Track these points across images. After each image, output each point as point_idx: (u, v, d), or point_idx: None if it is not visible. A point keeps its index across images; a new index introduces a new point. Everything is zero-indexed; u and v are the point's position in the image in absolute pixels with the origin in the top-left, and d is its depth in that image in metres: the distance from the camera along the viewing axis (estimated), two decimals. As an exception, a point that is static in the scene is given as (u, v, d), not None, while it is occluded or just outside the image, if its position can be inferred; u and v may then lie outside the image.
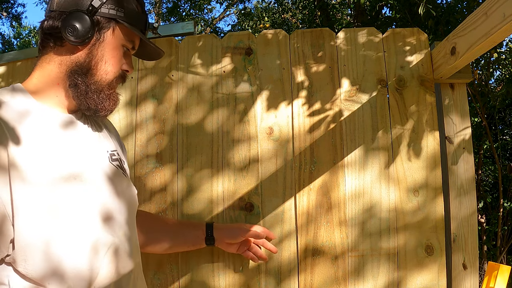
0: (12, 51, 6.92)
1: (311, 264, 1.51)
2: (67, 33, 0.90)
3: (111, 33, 0.96)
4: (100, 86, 0.95)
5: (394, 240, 1.51)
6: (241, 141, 1.58)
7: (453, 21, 2.82)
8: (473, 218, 1.54)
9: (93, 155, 0.98)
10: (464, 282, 1.50)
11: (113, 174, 1.01)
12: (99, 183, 0.96)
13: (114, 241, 0.94)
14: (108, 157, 1.02)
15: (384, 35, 1.63)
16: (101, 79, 0.96)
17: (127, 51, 1.01)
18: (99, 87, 0.95)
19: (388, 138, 1.56)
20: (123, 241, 0.98)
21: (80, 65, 0.94)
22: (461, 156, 1.56)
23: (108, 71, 0.96)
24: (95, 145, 1.01)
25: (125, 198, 1.03)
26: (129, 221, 1.03)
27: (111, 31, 0.96)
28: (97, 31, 0.94)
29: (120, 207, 0.99)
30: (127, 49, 1.00)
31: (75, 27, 0.90)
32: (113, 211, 0.97)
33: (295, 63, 1.62)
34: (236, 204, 1.55)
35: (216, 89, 1.62)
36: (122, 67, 0.99)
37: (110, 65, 0.96)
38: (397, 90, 1.59)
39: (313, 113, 1.59)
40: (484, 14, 1.19)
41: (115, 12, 0.94)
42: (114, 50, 0.96)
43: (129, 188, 1.07)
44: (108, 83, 0.97)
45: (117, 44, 0.97)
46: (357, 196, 1.53)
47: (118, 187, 1.01)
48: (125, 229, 1.00)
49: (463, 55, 1.34)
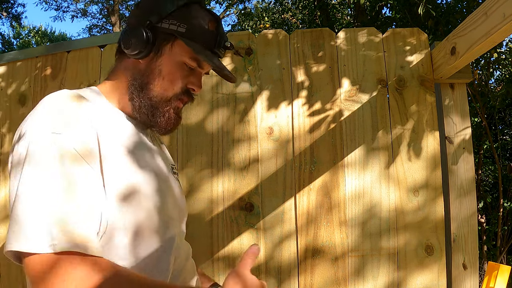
0: (12, 51, 6.92)
1: (311, 264, 1.51)
2: (125, 46, 0.91)
3: (169, 48, 0.93)
4: (155, 102, 0.93)
5: (394, 240, 1.51)
6: (241, 141, 1.58)
7: (453, 21, 2.82)
8: (473, 218, 1.54)
9: (161, 163, 0.98)
10: (464, 282, 1.50)
11: (175, 184, 1.02)
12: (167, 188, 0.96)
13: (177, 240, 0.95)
14: (170, 168, 1.04)
15: (384, 35, 1.63)
16: (158, 94, 0.93)
17: (193, 70, 0.96)
18: (154, 103, 0.93)
19: (388, 138, 1.56)
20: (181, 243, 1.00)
21: (139, 78, 0.93)
22: (461, 156, 1.56)
23: (166, 87, 0.93)
24: (161, 155, 1.01)
25: (183, 208, 1.05)
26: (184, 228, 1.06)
27: (169, 46, 0.93)
28: (156, 45, 0.92)
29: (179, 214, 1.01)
30: (191, 68, 0.95)
31: (129, 40, 0.90)
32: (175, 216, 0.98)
33: (295, 63, 1.62)
34: (236, 204, 1.55)
35: (216, 89, 1.62)
36: (188, 85, 0.96)
37: (167, 81, 0.93)
38: (397, 90, 1.59)
39: (313, 113, 1.59)
40: (484, 14, 1.19)
41: (175, 28, 0.91)
42: (174, 66, 0.93)
43: (183, 199, 1.09)
44: (165, 100, 0.93)
45: (177, 60, 0.93)
46: (357, 196, 1.53)
47: (179, 195, 1.03)
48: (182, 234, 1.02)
49: (463, 55, 1.34)
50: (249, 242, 1.52)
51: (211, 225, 1.54)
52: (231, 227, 1.54)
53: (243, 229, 1.54)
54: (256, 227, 1.53)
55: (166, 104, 0.94)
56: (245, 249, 1.52)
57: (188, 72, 0.95)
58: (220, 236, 1.54)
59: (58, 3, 13.66)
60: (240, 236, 1.53)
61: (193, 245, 1.09)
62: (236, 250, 1.52)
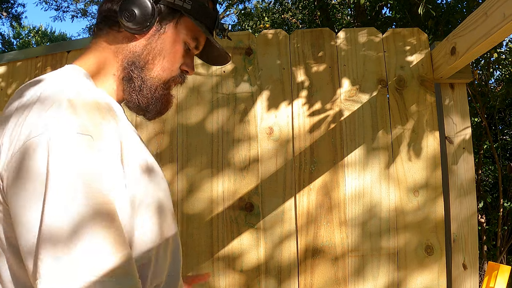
0: (12, 51, 6.91)
1: (311, 264, 1.51)
2: (124, 18, 0.80)
3: (173, 26, 0.85)
4: (155, 83, 0.85)
5: (394, 240, 1.51)
6: (241, 141, 1.58)
7: (453, 21, 2.82)
8: (473, 218, 1.54)
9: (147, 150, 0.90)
10: (464, 282, 1.50)
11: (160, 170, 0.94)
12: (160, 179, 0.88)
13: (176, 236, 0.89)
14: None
15: (384, 35, 1.63)
16: (157, 75, 0.85)
17: (189, 50, 0.90)
18: (154, 84, 0.85)
19: (388, 138, 1.56)
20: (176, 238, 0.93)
21: (138, 56, 0.83)
22: (461, 156, 1.56)
23: (166, 67, 0.85)
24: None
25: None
26: None
27: (174, 23, 0.85)
28: (158, 21, 0.83)
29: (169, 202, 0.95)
30: (188, 48, 0.89)
31: (133, 12, 0.80)
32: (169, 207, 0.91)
33: (295, 63, 1.62)
34: (236, 204, 1.55)
35: (217, 89, 1.62)
36: (182, 67, 0.89)
37: (168, 62, 0.85)
38: (397, 90, 1.59)
39: (313, 113, 1.59)
40: (484, 14, 1.19)
41: (181, 3, 0.84)
42: (175, 46, 0.86)
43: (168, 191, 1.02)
44: (163, 81, 0.86)
45: (179, 39, 0.86)
46: (357, 196, 1.53)
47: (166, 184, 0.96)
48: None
49: (463, 55, 1.34)
50: (249, 242, 1.52)
51: (211, 225, 1.54)
52: (231, 227, 1.54)
53: (243, 229, 1.54)
54: (256, 227, 1.53)
55: (164, 86, 0.87)
56: (245, 249, 1.52)
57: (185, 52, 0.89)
58: (220, 236, 1.54)
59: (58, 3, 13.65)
60: (240, 236, 1.53)
61: (193, 245, 1.09)
62: (236, 250, 1.52)
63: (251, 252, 1.52)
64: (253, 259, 1.51)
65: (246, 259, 1.49)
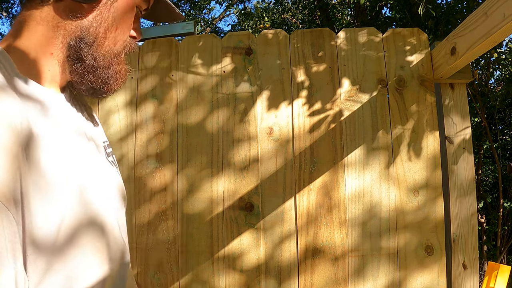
0: (12, 51, 6.89)
1: (311, 264, 1.51)
2: None
3: None
4: (108, 60, 0.73)
5: (394, 240, 1.51)
6: (241, 141, 1.58)
7: (453, 21, 2.82)
8: (473, 218, 1.54)
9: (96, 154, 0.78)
10: (464, 282, 1.50)
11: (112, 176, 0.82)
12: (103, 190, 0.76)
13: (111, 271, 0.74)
14: (105, 153, 0.83)
15: (384, 35, 1.63)
16: (109, 50, 0.73)
17: (140, 13, 0.79)
18: (107, 61, 0.73)
19: (388, 138, 1.56)
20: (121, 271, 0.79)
21: (86, 30, 0.70)
22: (461, 156, 1.56)
23: (118, 39, 0.74)
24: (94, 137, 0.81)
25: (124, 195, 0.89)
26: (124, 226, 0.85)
27: None
28: None
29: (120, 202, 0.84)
30: (140, 11, 0.78)
31: None
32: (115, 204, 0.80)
33: (295, 63, 1.62)
34: (236, 204, 1.55)
35: (217, 89, 1.62)
36: (130, 33, 0.78)
37: (120, 32, 0.74)
38: (397, 90, 1.59)
39: (313, 113, 1.59)
40: (484, 14, 1.19)
41: None
42: (127, 12, 0.74)
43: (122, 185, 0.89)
44: (115, 55, 0.75)
45: (131, 3, 0.75)
46: (357, 196, 1.53)
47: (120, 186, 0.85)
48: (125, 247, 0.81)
49: (463, 55, 1.34)
50: (249, 242, 1.52)
51: (211, 225, 1.54)
52: (231, 227, 1.54)
53: (243, 229, 1.54)
54: (256, 227, 1.53)
55: (117, 60, 0.76)
56: (245, 249, 1.52)
57: (135, 17, 0.78)
58: (220, 236, 1.54)
59: (58, 3, 13.64)
60: (240, 236, 1.53)
61: (193, 245, 1.09)
62: (236, 250, 1.52)
63: (251, 252, 1.52)
64: (253, 259, 1.51)
65: (246, 259, 1.49)
